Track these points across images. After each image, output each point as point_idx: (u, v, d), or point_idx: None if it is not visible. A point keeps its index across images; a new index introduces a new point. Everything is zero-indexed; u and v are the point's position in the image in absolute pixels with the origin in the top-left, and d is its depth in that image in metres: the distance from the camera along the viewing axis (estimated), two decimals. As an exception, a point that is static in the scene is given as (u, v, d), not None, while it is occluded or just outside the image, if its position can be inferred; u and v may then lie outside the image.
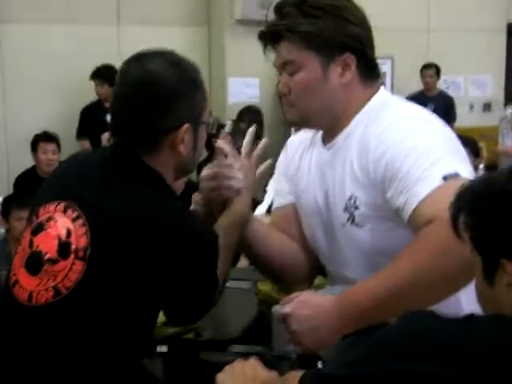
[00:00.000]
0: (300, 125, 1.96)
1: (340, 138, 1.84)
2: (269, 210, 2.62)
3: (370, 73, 1.85)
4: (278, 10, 1.84)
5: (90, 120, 6.58)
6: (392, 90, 8.10)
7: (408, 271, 1.57)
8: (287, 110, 1.87)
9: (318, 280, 2.17)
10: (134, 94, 1.70)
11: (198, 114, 1.74)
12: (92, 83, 6.76)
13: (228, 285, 1.93)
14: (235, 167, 1.87)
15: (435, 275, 1.55)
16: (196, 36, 7.58)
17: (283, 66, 1.84)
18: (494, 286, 1.23)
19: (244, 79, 7.27)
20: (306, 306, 1.64)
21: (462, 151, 1.76)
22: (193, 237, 1.65)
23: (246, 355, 1.62)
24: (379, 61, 1.90)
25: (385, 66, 7.87)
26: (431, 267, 1.55)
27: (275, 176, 2.12)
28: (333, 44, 1.79)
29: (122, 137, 1.73)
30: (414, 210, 1.61)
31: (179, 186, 3.91)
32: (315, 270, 2.04)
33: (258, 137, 7.77)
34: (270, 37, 1.84)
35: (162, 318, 1.77)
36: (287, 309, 1.65)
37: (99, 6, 7.17)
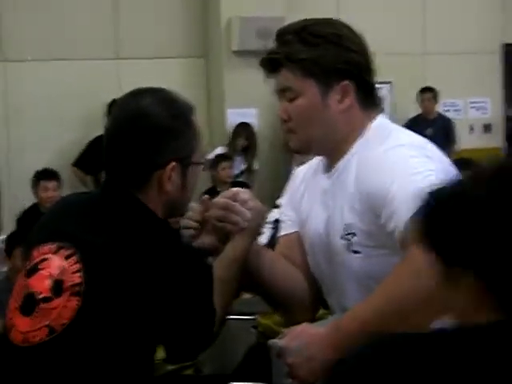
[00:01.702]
0: (301, 151, 1.97)
1: (339, 166, 1.85)
2: (269, 243, 2.62)
3: (369, 100, 1.86)
4: (279, 37, 1.86)
5: (95, 152, 6.55)
6: (391, 115, 8.12)
7: (393, 293, 1.57)
8: (288, 136, 1.88)
9: (321, 311, 2.16)
10: (124, 129, 1.72)
11: (187, 153, 1.75)
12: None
13: (228, 317, 1.92)
14: (248, 205, 1.87)
15: (420, 295, 1.53)
16: (194, 67, 7.63)
17: (283, 93, 1.86)
18: (456, 291, 1.21)
19: (242, 110, 7.30)
20: (300, 338, 1.64)
21: (454, 174, 1.76)
22: (185, 269, 1.65)
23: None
24: (377, 86, 1.91)
25: (383, 91, 7.91)
26: (415, 287, 1.53)
27: (281, 207, 2.12)
28: (331, 71, 1.81)
29: (112, 172, 1.75)
30: (401, 232, 1.61)
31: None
32: (319, 299, 2.04)
33: (252, 152, 7.76)
34: (270, 64, 1.87)
35: (161, 354, 1.76)
36: (282, 342, 1.65)
37: (97, 41, 7.24)
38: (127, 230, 1.66)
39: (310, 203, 1.95)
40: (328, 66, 1.80)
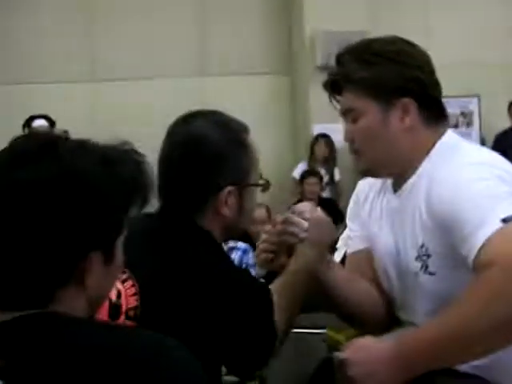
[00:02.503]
0: (369, 174, 1.94)
1: (408, 185, 1.82)
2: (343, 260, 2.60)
3: (434, 115, 1.82)
4: (338, 58, 1.86)
5: None
6: (480, 129, 7.95)
7: (460, 317, 1.53)
8: (354, 158, 1.87)
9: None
10: (178, 155, 1.71)
11: (243, 176, 1.74)
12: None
13: (297, 330, 1.92)
14: (304, 215, 1.87)
15: (489, 321, 1.50)
16: (279, 83, 7.68)
17: (346, 114, 1.84)
18: None
19: (328, 125, 7.27)
20: (363, 352, 1.62)
21: None
22: (240, 292, 1.64)
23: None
24: (466, 99, 1.87)
25: (471, 104, 7.75)
26: (484, 313, 1.50)
27: (347, 222, 2.10)
28: (391, 89, 1.78)
29: (168, 197, 1.74)
30: (476, 256, 1.57)
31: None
32: (393, 314, 2.01)
33: (332, 162, 7.76)
34: (331, 86, 1.86)
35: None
36: (344, 354, 1.63)
37: (183, 59, 7.40)
38: (183, 253, 1.66)
39: (378, 221, 1.91)
40: (387, 85, 1.77)
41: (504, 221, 1.55)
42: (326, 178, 7.21)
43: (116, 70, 7.27)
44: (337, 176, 7.25)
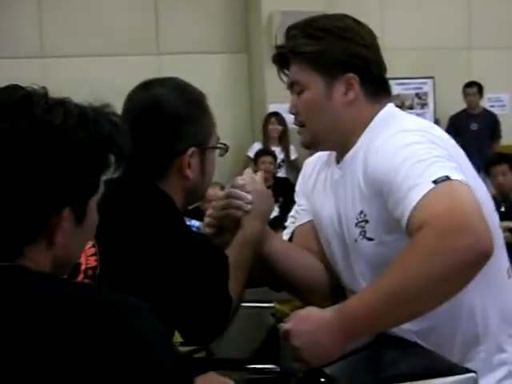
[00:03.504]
0: (312, 146, 1.99)
1: (349, 156, 1.88)
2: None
3: (376, 91, 1.89)
4: (286, 33, 1.91)
5: None
6: (435, 110, 8.04)
7: (397, 279, 1.58)
8: (299, 131, 1.92)
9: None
10: (139, 119, 1.73)
11: (204, 138, 1.78)
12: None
13: (245, 304, 1.94)
14: (247, 189, 1.89)
15: (424, 280, 1.55)
16: (235, 62, 7.68)
17: (291, 87, 1.90)
18: None
19: (284, 105, 7.28)
20: (306, 321, 1.65)
21: (461, 160, 1.78)
22: (199, 255, 1.67)
23: (256, 373, 1.61)
24: (421, 81, 1.92)
25: (426, 86, 7.84)
26: (419, 273, 1.55)
27: (295, 198, 2.14)
28: (335, 64, 1.84)
29: (130, 162, 1.76)
30: (408, 218, 1.61)
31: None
32: (340, 286, 2.05)
33: (286, 141, 7.96)
34: (278, 59, 1.91)
35: (176, 338, 1.78)
36: (287, 325, 1.65)
37: (138, 36, 7.32)
38: (143, 218, 1.69)
39: (321, 193, 1.98)
40: (331, 59, 1.83)
41: (435, 182, 1.59)
42: (281, 157, 7.24)
43: (66, 47, 7.17)
44: (293, 154, 7.28)
